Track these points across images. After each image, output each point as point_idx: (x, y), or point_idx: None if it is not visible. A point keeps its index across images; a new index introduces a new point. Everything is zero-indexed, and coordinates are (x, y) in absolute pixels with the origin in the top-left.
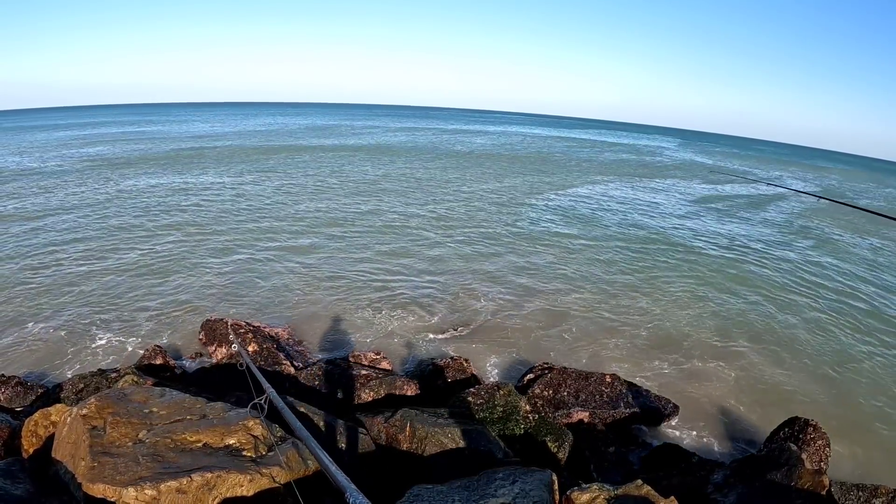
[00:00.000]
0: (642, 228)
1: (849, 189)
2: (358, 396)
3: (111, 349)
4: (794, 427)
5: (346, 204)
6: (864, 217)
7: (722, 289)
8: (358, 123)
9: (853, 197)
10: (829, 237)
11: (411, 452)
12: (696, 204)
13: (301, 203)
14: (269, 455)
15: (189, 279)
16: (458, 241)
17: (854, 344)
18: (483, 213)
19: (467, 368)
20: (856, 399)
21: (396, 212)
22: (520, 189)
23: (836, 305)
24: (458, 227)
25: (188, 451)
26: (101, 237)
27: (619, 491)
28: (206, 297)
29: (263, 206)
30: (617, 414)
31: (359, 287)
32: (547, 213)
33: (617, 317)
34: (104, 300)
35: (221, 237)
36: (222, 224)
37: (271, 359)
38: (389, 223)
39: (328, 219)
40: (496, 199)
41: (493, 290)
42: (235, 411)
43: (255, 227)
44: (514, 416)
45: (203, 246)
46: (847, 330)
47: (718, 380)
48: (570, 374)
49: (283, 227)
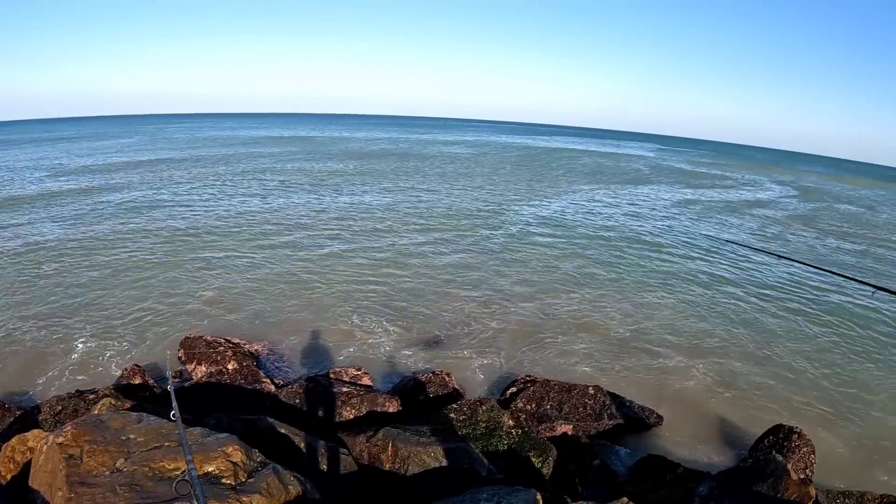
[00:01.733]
0: (622, 235)
1: (825, 192)
2: (339, 414)
3: (89, 367)
4: (778, 435)
5: (321, 215)
6: (847, 222)
7: (703, 295)
8: (327, 133)
9: (831, 201)
10: (807, 240)
11: (394, 472)
12: (674, 208)
13: (276, 216)
14: (250, 482)
15: (166, 294)
16: (437, 252)
17: (834, 346)
18: (462, 223)
19: (449, 382)
20: (838, 401)
21: (375, 223)
22: (499, 198)
23: (816, 309)
24: (437, 236)
25: (166, 480)
26: (74, 250)
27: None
28: (185, 312)
29: (240, 219)
30: (601, 426)
31: (339, 300)
32: (526, 220)
33: (599, 325)
34: (80, 315)
35: (198, 251)
36: (198, 237)
37: (251, 377)
38: (368, 234)
39: (305, 232)
40: (475, 209)
41: (475, 300)
42: (215, 437)
43: (232, 240)
44: (497, 431)
45: (179, 260)
46: (827, 333)
47: (702, 387)
48: (553, 386)
49: (260, 241)
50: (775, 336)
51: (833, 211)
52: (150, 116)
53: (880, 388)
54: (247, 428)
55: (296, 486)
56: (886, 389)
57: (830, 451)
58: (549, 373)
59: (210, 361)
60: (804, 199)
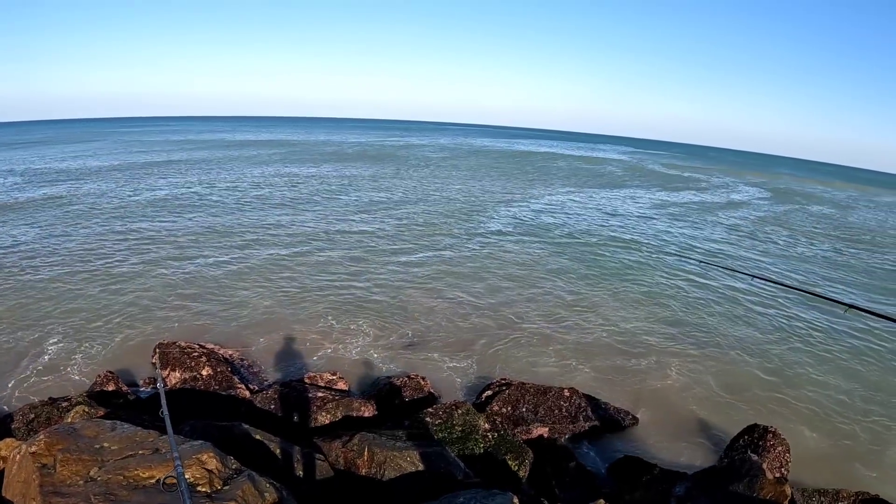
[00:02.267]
0: (597, 238)
1: (797, 193)
2: (315, 420)
3: (60, 373)
4: (753, 434)
5: (295, 218)
6: (820, 223)
7: (676, 297)
8: (302, 137)
9: (803, 203)
10: (780, 239)
11: (371, 477)
12: (649, 211)
13: (250, 219)
14: (225, 490)
15: (139, 299)
16: (411, 255)
17: (806, 348)
18: (437, 226)
19: (424, 386)
20: (811, 400)
21: (350, 226)
22: (474, 201)
23: (788, 312)
24: (412, 239)
25: (141, 489)
26: (47, 252)
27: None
28: (159, 317)
29: (214, 223)
30: (577, 428)
31: (314, 303)
32: (501, 223)
33: (574, 327)
34: (52, 319)
35: (171, 255)
36: (171, 241)
37: (226, 383)
38: (343, 237)
39: (279, 236)
40: (450, 212)
41: (450, 303)
42: (189, 444)
43: (205, 244)
44: (473, 435)
45: (153, 265)
46: (799, 335)
47: (676, 388)
48: (529, 389)
49: (234, 244)
50: (748, 337)
51: (805, 213)
52: (123, 119)
53: (853, 388)
54: (222, 435)
55: (272, 493)
56: (859, 389)
57: (805, 449)
58: (525, 375)
59: (184, 367)
60: (776, 201)
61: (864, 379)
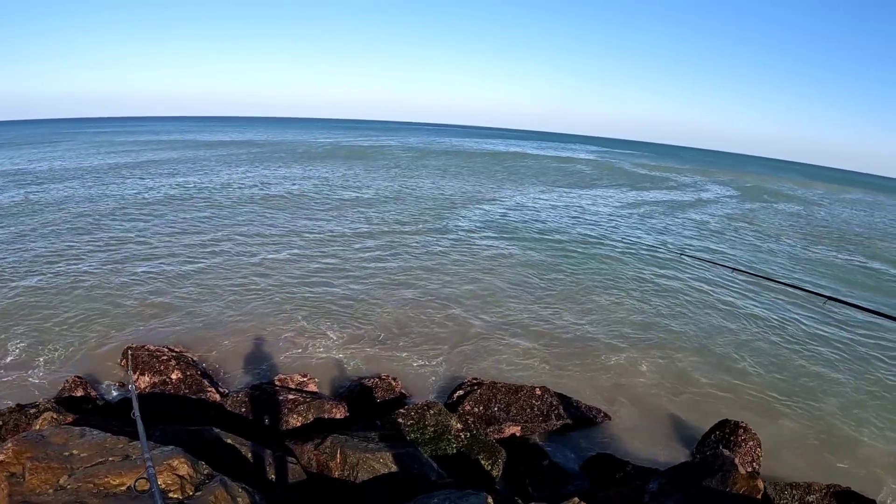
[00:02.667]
0: (566, 237)
1: (764, 191)
2: (286, 422)
3: (27, 379)
4: (724, 430)
5: (263, 219)
6: (787, 220)
7: (642, 292)
8: (271, 137)
9: (771, 201)
10: (742, 236)
11: (344, 480)
12: (617, 210)
13: (218, 220)
14: (197, 495)
15: (107, 302)
16: (381, 255)
17: (776, 343)
18: (407, 226)
19: (396, 387)
20: (782, 395)
21: (319, 225)
22: (443, 201)
23: (758, 306)
24: (382, 240)
25: (112, 496)
26: (7, 255)
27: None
28: (126, 321)
29: (181, 224)
30: (549, 426)
31: (284, 305)
32: (471, 223)
33: (544, 326)
34: (16, 324)
35: (138, 257)
36: (138, 243)
37: (196, 386)
38: (311, 237)
39: (247, 236)
40: (419, 211)
41: (420, 303)
42: (160, 450)
43: (172, 246)
44: (445, 435)
45: (119, 267)
46: (768, 329)
47: (647, 385)
48: (500, 388)
49: (201, 246)
50: (717, 333)
51: (772, 210)
52: (89, 120)
53: (823, 383)
54: (192, 439)
55: (244, 497)
56: (829, 383)
57: (777, 443)
58: (496, 375)
59: (153, 371)
60: (745, 199)
61: (837, 372)
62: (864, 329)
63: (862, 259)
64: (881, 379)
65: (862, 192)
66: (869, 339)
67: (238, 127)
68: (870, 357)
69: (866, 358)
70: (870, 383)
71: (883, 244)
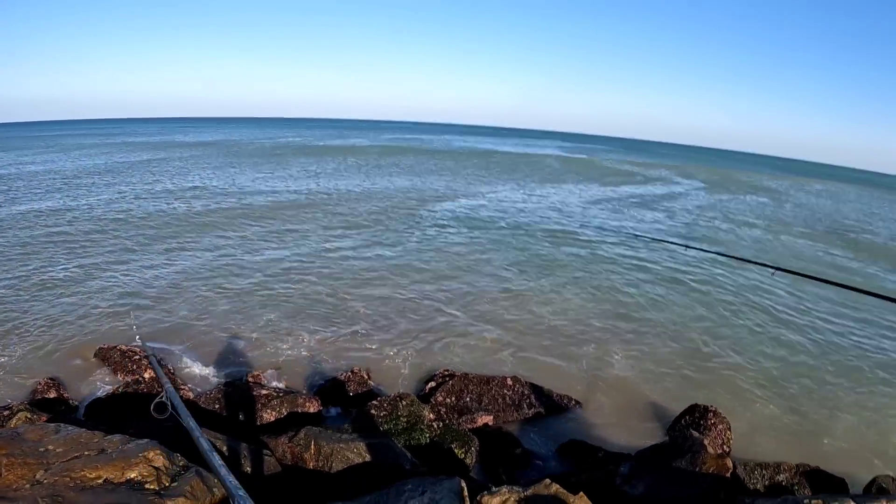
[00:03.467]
0: (534, 230)
1: (732, 184)
2: (260, 417)
3: None
4: (694, 414)
5: (231, 213)
6: (754, 210)
7: (612, 282)
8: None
9: (738, 193)
10: (710, 228)
11: (318, 470)
12: (586, 203)
13: (185, 216)
14: (173, 486)
15: (77, 303)
16: (351, 250)
17: (742, 327)
18: (376, 221)
19: (368, 380)
20: (751, 379)
21: (288, 221)
22: (413, 197)
23: (723, 291)
24: (351, 234)
25: (89, 490)
26: None
27: (529, 491)
28: (98, 322)
29: (148, 221)
30: (521, 415)
31: (254, 302)
32: (440, 218)
33: (514, 317)
34: None
35: (105, 259)
36: (103, 244)
37: None
38: (280, 232)
39: (215, 232)
40: (389, 207)
41: (390, 298)
42: (135, 443)
43: (139, 244)
44: (418, 425)
45: (86, 268)
46: (734, 313)
47: (617, 372)
48: (472, 379)
49: (169, 243)
50: (685, 319)
51: (739, 201)
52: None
53: (789, 364)
54: (167, 434)
55: (220, 488)
56: (797, 366)
57: (747, 427)
58: (468, 366)
59: (126, 371)
60: (713, 191)
61: (803, 353)
62: (824, 311)
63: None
64: (844, 360)
65: (824, 184)
66: (831, 320)
67: (200, 127)
68: (837, 339)
69: (831, 340)
70: (834, 364)
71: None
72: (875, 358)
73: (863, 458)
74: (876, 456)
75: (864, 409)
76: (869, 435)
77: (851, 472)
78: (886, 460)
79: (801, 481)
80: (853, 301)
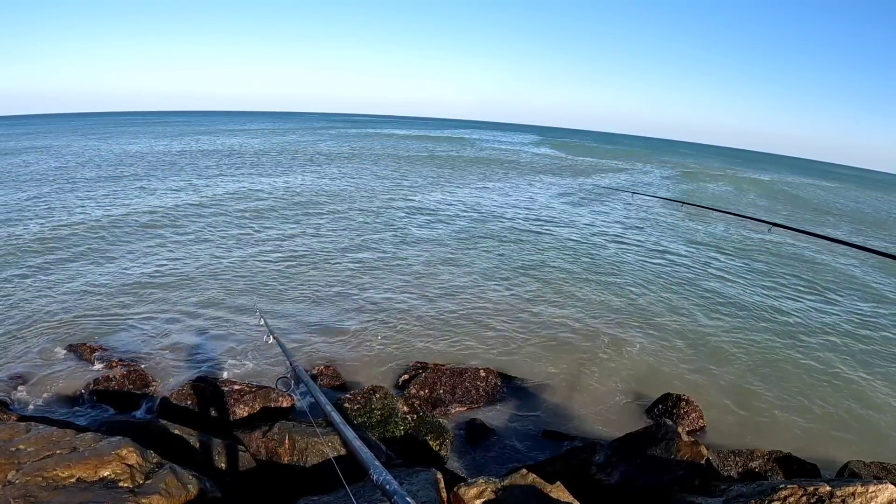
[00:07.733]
0: (507, 223)
1: (701, 173)
2: (233, 413)
3: None
4: (667, 403)
5: (200, 208)
6: (720, 200)
7: (583, 275)
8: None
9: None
10: (680, 224)
11: (294, 465)
12: (558, 194)
13: (154, 212)
14: (148, 483)
15: (47, 303)
16: (324, 244)
17: (718, 319)
18: (350, 215)
19: (341, 373)
20: (723, 368)
21: (258, 216)
22: (386, 191)
23: (690, 286)
24: (325, 229)
25: (62, 489)
26: None
27: (506, 482)
28: (69, 321)
29: (114, 218)
30: (495, 406)
31: (225, 295)
32: (413, 212)
33: (486, 310)
34: None
35: (70, 255)
36: (68, 241)
37: (140, 381)
38: (252, 227)
39: (183, 227)
40: (362, 200)
41: (363, 291)
42: (107, 440)
43: (107, 239)
44: (392, 418)
45: (52, 266)
46: (701, 306)
47: (589, 361)
48: (445, 371)
49: (137, 239)
50: (659, 308)
51: (705, 191)
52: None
53: (763, 351)
54: (140, 432)
55: (195, 484)
56: (768, 352)
57: (719, 414)
58: (441, 358)
59: (97, 367)
60: (681, 181)
61: (778, 342)
62: (801, 303)
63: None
64: (814, 346)
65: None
66: (801, 301)
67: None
68: (805, 324)
69: (805, 329)
70: (804, 349)
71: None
72: (847, 343)
73: (835, 443)
74: (847, 441)
75: (835, 394)
76: (840, 420)
77: (823, 458)
78: (858, 445)
79: (774, 467)
80: (822, 284)
